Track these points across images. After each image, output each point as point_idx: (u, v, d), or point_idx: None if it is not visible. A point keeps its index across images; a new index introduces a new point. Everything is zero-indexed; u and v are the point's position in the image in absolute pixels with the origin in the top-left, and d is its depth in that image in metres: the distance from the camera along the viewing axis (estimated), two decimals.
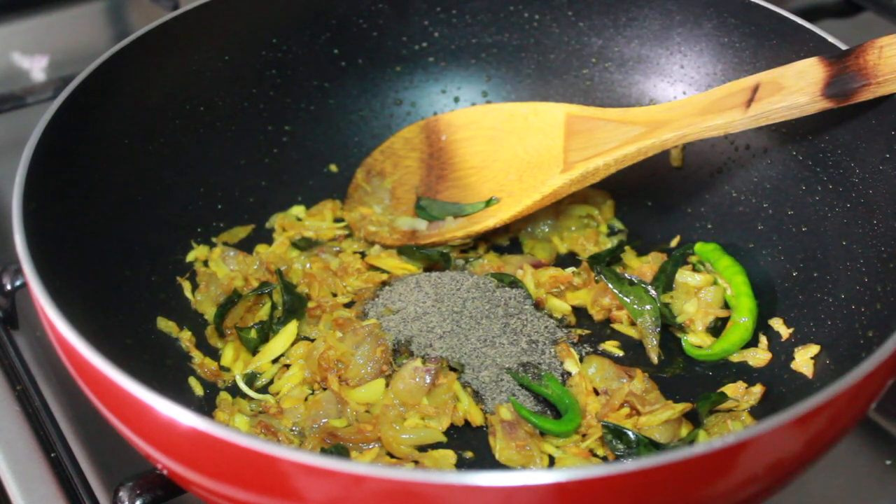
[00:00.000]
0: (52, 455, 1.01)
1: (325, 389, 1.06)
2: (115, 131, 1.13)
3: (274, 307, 1.13)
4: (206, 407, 1.05)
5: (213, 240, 1.22)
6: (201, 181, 1.22)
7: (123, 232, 1.11)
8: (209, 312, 1.14)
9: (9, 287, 1.15)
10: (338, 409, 1.03)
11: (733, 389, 1.06)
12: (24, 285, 1.13)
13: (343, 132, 1.33)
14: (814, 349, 1.06)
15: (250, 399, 1.07)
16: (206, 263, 1.19)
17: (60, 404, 1.09)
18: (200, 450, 0.76)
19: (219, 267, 1.18)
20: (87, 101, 1.07)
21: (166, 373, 1.06)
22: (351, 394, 1.05)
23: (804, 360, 1.06)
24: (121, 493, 0.91)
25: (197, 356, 1.09)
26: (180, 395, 1.06)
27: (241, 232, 1.24)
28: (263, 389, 1.08)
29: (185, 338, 1.10)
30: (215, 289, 1.15)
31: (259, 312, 1.14)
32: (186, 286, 1.15)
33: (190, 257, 1.19)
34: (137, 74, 1.15)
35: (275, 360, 1.11)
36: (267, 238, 1.24)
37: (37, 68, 1.61)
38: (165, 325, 1.10)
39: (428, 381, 1.03)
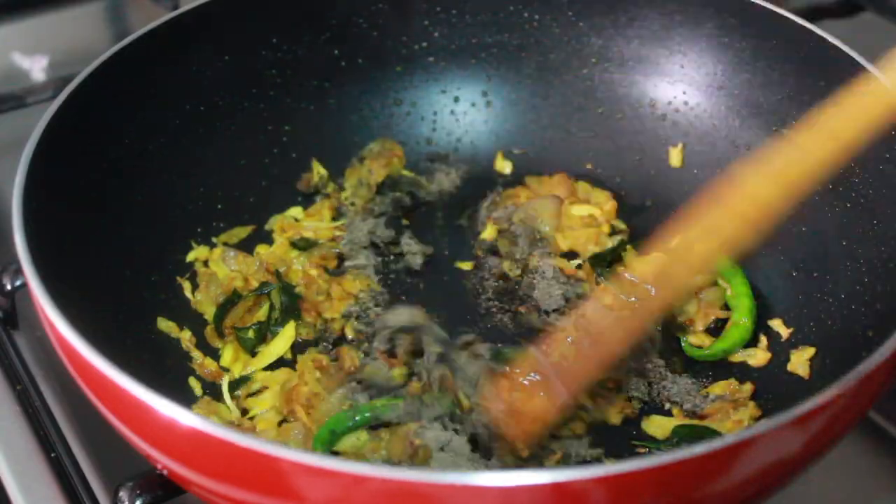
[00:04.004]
0: (52, 455, 1.01)
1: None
2: (115, 131, 1.13)
3: (272, 308, 1.13)
4: None
5: (214, 240, 1.22)
6: (201, 181, 1.22)
7: (123, 232, 1.11)
8: (209, 312, 1.14)
9: (9, 287, 1.15)
10: (304, 444, 0.99)
11: (724, 387, 1.06)
12: (24, 285, 1.12)
13: (343, 132, 1.33)
14: (809, 351, 1.06)
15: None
16: (206, 263, 1.19)
17: (60, 404, 1.09)
18: (200, 450, 0.76)
19: (219, 267, 1.17)
20: (87, 101, 1.07)
21: (166, 373, 1.06)
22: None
23: (800, 361, 1.06)
24: (121, 493, 0.91)
25: (197, 356, 1.09)
26: (180, 395, 1.06)
27: (242, 232, 1.24)
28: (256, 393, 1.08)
29: (185, 338, 1.10)
30: (215, 289, 1.15)
31: (258, 313, 1.14)
32: (186, 286, 1.15)
33: (190, 257, 1.18)
34: (137, 74, 1.15)
35: (270, 367, 1.10)
36: (267, 238, 1.24)
37: (37, 68, 1.61)
38: (165, 325, 1.10)
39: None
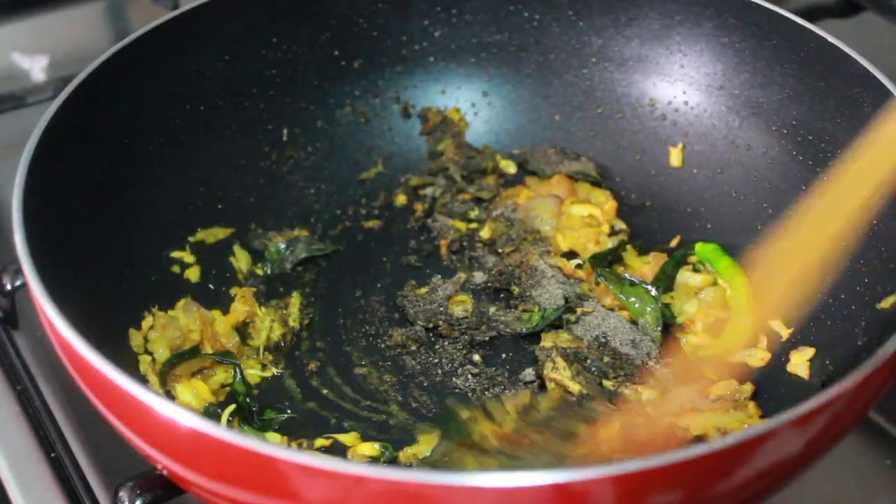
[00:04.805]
0: (52, 455, 1.01)
1: None
2: (115, 131, 1.12)
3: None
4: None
5: (211, 240, 1.21)
6: (201, 181, 1.22)
7: (123, 232, 1.11)
8: (159, 352, 1.06)
9: (9, 287, 1.15)
10: None
11: (724, 387, 1.06)
12: (24, 285, 1.12)
13: (343, 132, 1.32)
14: (809, 352, 1.06)
15: None
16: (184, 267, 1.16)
17: (60, 404, 1.09)
18: (200, 450, 0.76)
19: (180, 315, 1.10)
20: (87, 101, 1.07)
21: None
22: None
23: (799, 361, 1.06)
24: (121, 493, 0.91)
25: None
26: None
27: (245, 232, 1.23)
28: None
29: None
30: (173, 332, 1.07)
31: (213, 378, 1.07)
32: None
33: (175, 254, 1.16)
34: (137, 74, 1.15)
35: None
36: (266, 238, 1.23)
37: (37, 68, 1.61)
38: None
39: None
